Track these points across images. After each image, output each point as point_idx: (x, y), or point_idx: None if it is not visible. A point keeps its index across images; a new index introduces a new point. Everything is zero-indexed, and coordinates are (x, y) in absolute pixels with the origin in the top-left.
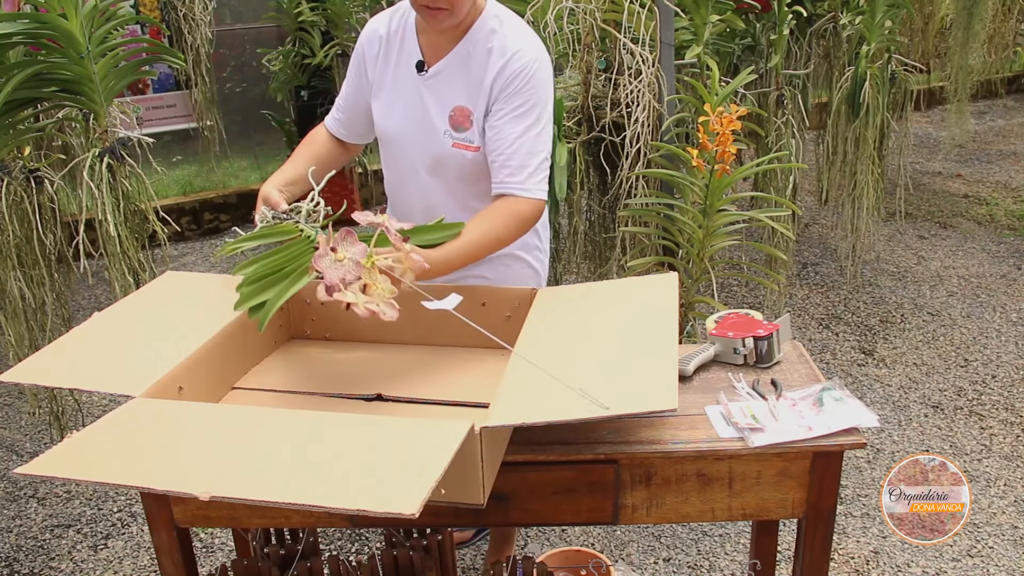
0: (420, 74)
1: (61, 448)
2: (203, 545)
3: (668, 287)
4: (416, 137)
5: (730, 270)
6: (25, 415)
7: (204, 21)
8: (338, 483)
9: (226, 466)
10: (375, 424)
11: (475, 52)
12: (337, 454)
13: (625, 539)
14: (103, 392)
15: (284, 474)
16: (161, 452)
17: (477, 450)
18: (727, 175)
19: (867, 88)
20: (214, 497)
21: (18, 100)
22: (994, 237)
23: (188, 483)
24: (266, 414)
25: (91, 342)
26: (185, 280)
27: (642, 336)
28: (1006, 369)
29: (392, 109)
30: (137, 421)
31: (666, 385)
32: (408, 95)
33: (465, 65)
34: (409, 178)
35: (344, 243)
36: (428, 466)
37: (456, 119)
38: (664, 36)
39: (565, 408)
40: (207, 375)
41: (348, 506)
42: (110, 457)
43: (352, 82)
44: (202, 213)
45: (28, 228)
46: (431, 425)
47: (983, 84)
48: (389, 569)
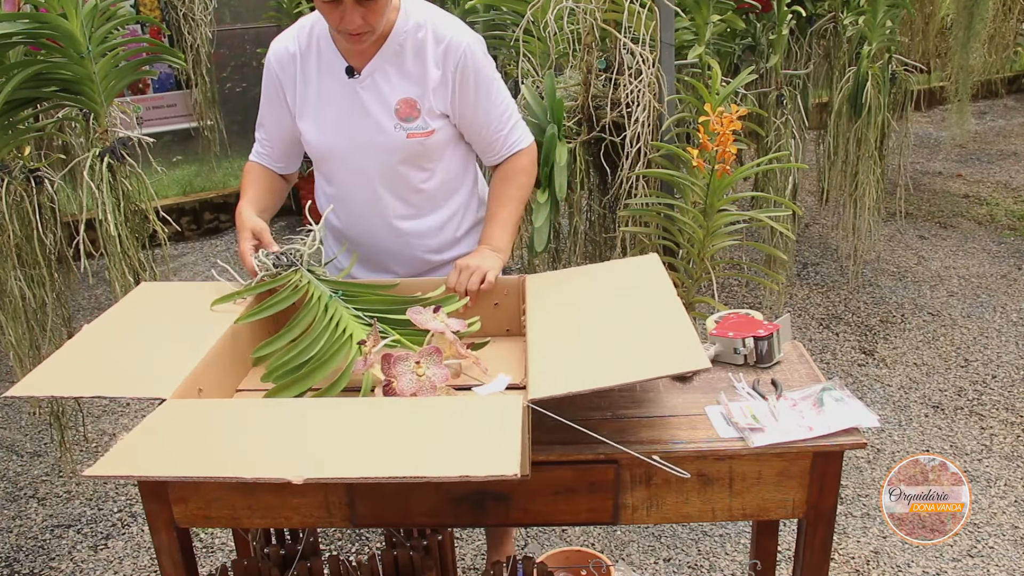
0: (352, 78)
1: (119, 448)
2: (203, 545)
3: (652, 264)
4: (361, 142)
5: (730, 270)
6: (25, 415)
7: (204, 21)
8: (426, 456)
9: (303, 451)
10: (430, 404)
11: (407, 45)
12: (409, 432)
13: (625, 539)
14: (129, 397)
15: (369, 453)
16: (229, 443)
17: (526, 423)
18: (727, 175)
19: (868, 88)
20: (308, 480)
21: (18, 100)
22: (994, 237)
23: (275, 469)
24: (321, 403)
25: (91, 352)
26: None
27: (649, 307)
28: (1006, 369)
29: (325, 122)
30: (184, 419)
31: (691, 346)
32: (342, 103)
33: (399, 59)
34: (358, 186)
35: (428, 360)
36: (505, 433)
37: (403, 111)
38: (664, 36)
39: (602, 375)
40: (217, 379)
41: (451, 474)
42: (177, 453)
43: (270, 112)
44: (202, 213)
45: (28, 228)
46: (486, 401)
47: (984, 84)
48: (389, 569)
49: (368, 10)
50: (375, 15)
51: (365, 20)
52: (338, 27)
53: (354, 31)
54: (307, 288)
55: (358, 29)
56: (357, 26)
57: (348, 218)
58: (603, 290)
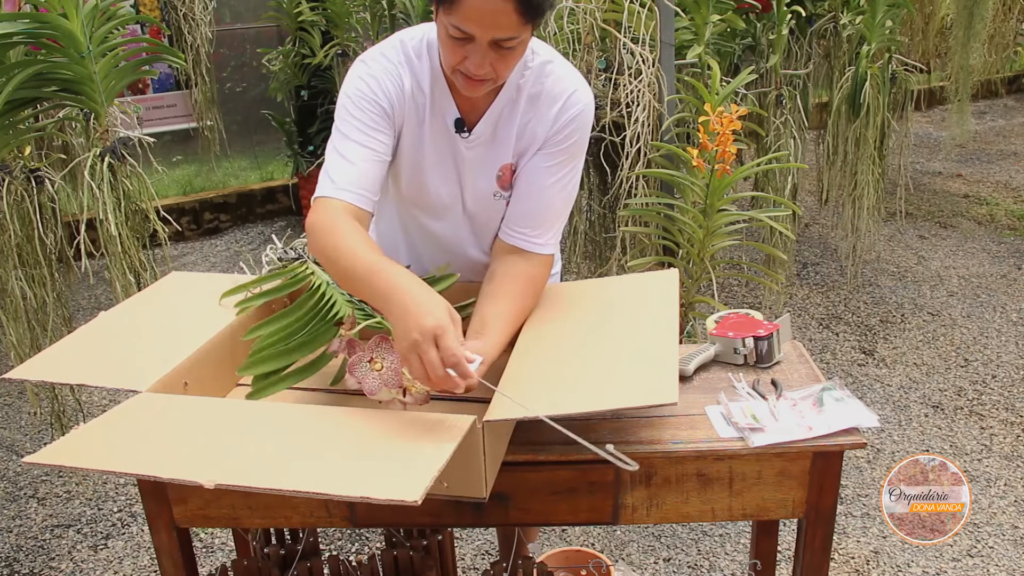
0: (461, 135)
1: (67, 439)
2: (203, 545)
3: (668, 283)
4: (462, 205)
5: (730, 270)
6: (25, 415)
7: (204, 21)
8: (342, 473)
9: (230, 457)
10: (379, 417)
11: (521, 98)
12: (342, 446)
13: (625, 539)
14: (109, 387)
15: (288, 464)
16: (165, 444)
17: (480, 444)
18: (727, 175)
19: (868, 88)
20: (219, 485)
21: (18, 100)
22: (994, 237)
23: (193, 472)
24: (271, 408)
25: (96, 340)
26: (190, 280)
27: (642, 331)
28: (1006, 369)
29: (427, 176)
30: (142, 414)
31: (667, 379)
32: (447, 159)
33: (510, 116)
34: (435, 244)
35: (380, 351)
36: (432, 457)
37: (504, 179)
38: (664, 36)
39: (564, 402)
40: (212, 371)
41: (351, 494)
42: (115, 448)
43: (375, 135)
44: (202, 213)
45: (29, 228)
46: (435, 419)
47: (983, 84)
48: (389, 569)
49: (500, 56)
50: (505, 64)
51: (494, 67)
52: (458, 66)
53: (478, 77)
54: (309, 278)
55: (483, 76)
56: (484, 73)
57: (410, 253)
58: (604, 309)
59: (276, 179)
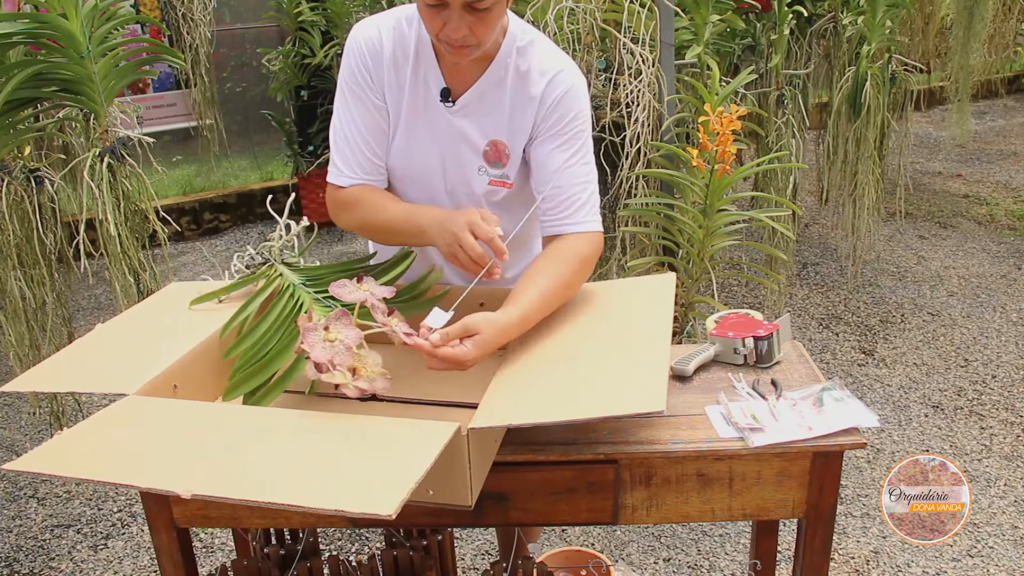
0: (445, 104)
1: (50, 444)
2: (203, 545)
3: (665, 287)
4: (443, 175)
5: (730, 270)
6: (25, 415)
7: (204, 21)
8: (321, 483)
9: (211, 464)
10: (362, 424)
11: (508, 76)
12: (323, 454)
13: (625, 539)
14: (98, 393)
15: (268, 473)
16: (147, 449)
17: (464, 451)
18: (727, 175)
19: (868, 88)
20: (195, 495)
21: (18, 100)
22: (994, 237)
23: (172, 481)
24: (256, 413)
25: (91, 350)
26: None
27: (635, 338)
28: (1006, 369)
29: (412, 145)
30: (128, 418)
31: (655, 386)
32: (431, 128)
33: (499, 92)
34: None
35: (337, 324)
36: (411, 467)
37: (491, 155)
38: (664, 36)
39: (552, 409)
40: (202, 374)
41: (327, 506)
42: (98, 454)
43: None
44: (202, 213)
45: (28, 228)
46: (418, 426)
47: (983, 84)
48: (389, 569)
49: (477, 19)
50: (484, 27)
51: (472, 31)
52: (439, 35)
53: (458, 43)
54: (279, 281)
55: (462, 41)
56: (462, 37)
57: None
58: (599, 314)
59: (276, 179)
